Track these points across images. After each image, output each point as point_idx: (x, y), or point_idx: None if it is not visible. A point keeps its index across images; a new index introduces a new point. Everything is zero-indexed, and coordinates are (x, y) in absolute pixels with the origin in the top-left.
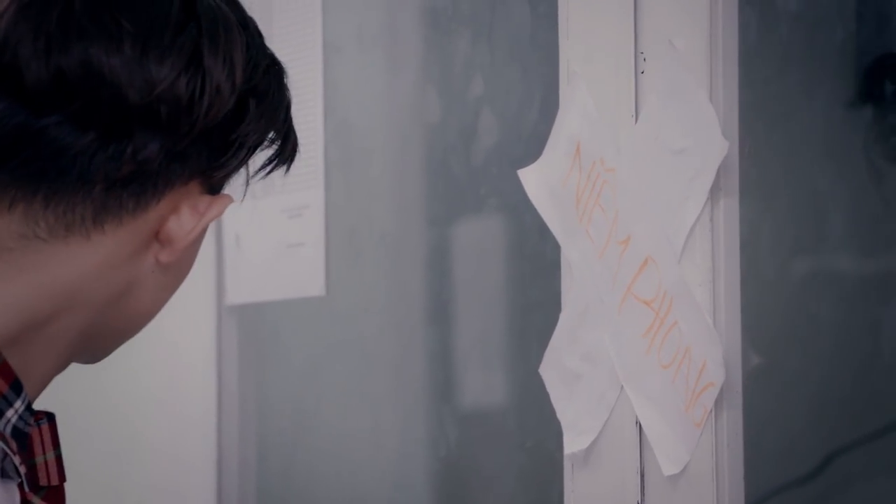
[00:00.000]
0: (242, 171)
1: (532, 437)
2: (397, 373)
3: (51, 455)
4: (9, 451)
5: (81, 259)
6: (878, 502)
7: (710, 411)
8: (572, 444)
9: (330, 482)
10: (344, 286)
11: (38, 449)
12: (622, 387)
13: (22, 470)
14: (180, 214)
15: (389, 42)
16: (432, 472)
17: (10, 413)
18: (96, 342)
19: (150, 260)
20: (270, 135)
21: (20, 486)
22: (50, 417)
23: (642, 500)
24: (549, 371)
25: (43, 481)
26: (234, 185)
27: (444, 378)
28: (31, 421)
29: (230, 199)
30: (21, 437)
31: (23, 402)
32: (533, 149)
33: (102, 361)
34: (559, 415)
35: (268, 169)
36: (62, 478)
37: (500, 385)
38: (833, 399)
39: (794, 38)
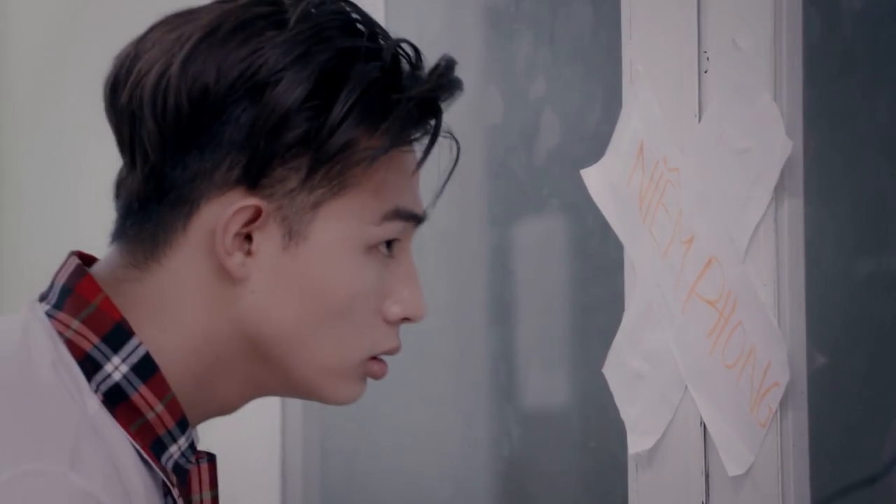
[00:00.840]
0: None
1: (595, 438)
2: (459, 373)
3: (207, 495)
4: (170, 485)
5: (169, 290)
6: None
7: (775, 412)
8: (636, 445)
9: (392, 483)
10: None
11: (195, 487)
12: (686, 387)
13: None
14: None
15: (451, 42)
16: (495, 472)
17: (173, 449)
18: (271, 370)
19: (228, 277)
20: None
21: None
22: (211, 458)
23: (707, 500)
24: (612, 371)
25: None
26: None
27: (506, 378)
28: (193, 459)
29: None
30: (181, 474)
31: (187, 440)
32: (595, 149)
33: None
34: (623, 415)
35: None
36: None
37: (563, 385)
38: None
39: (858, 37)
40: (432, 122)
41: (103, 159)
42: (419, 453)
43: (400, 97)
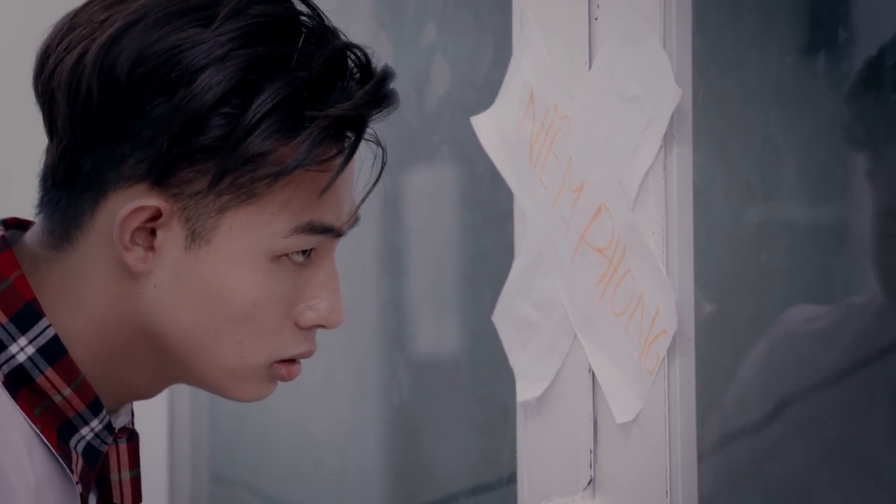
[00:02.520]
0: None
1: (485, 386)
2: (350, 321)
3: (126, 474)
4: (68, 469)
5: (78, 272)
6: (829, 449)
7: (663, 359)
8: (525, 393)
9: (282, 431)
10: None
11: (113, 466)
12: (575, 335)
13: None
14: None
15: None
16: (385, 420)
17: (84, 431)
18: (174, 364)
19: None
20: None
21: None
22: (131, 437)
23: (595, 447)
24: (502, 319)
25: (116, 500)
26: None
27: (396, 326)
28: (109, 440)
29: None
30: (93, 455)
31: (101, 422)
32: (486, 96)
33: None
34: (512, 363)
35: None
36: (137, 498)
37: (453, 333)
38: (784, 346)
39: None
40: (352, 138)
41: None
42: (310, 401)
43: (315, 114)
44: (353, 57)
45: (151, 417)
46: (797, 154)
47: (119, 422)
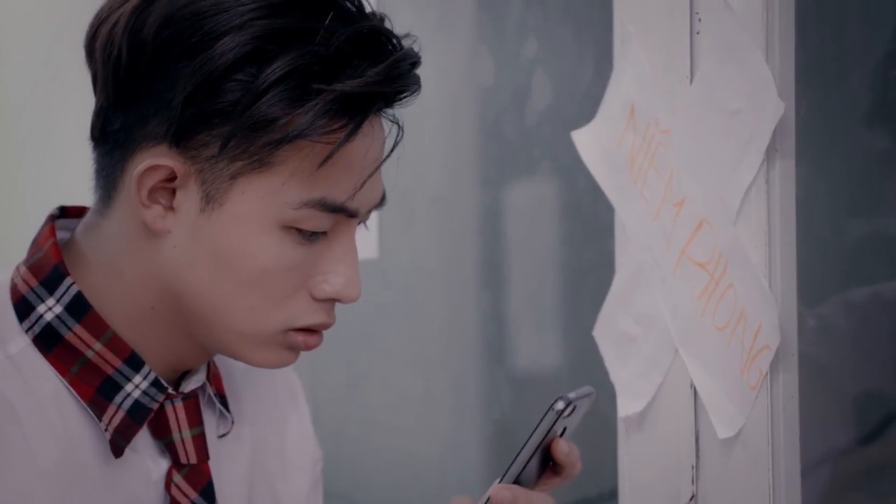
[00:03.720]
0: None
1: None
2: (450, 335)
3: (187, 433)
4: (94, 416)
5: (109, 235)
6: None
7: (766, 374)
8: (626, 408)
9: (382, 444)
10: (396, 248)
11: (173, 426)
12: (676, 350)
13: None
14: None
15: (442, 3)
16: (485, 434)
17: (129, 387)
18: (196, 326)
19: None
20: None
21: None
22: (188, 396)
23: (697, 463)
24: (603, 333)
25: (182, 459)
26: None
27: (497, 340)
28: (160, 398)
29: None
30: (144, 412)
31: (145, 378)
32: (586, 110)
33: None
34: (613, 378)
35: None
36: (203, 456)
37: (554, 347)
38: (888, 362)
39: None
40: (360, 117)
41: None
42: (410, 415)
43: (322, 87)
44: (384, 39)
45: None
46: None
47: (190, 387)
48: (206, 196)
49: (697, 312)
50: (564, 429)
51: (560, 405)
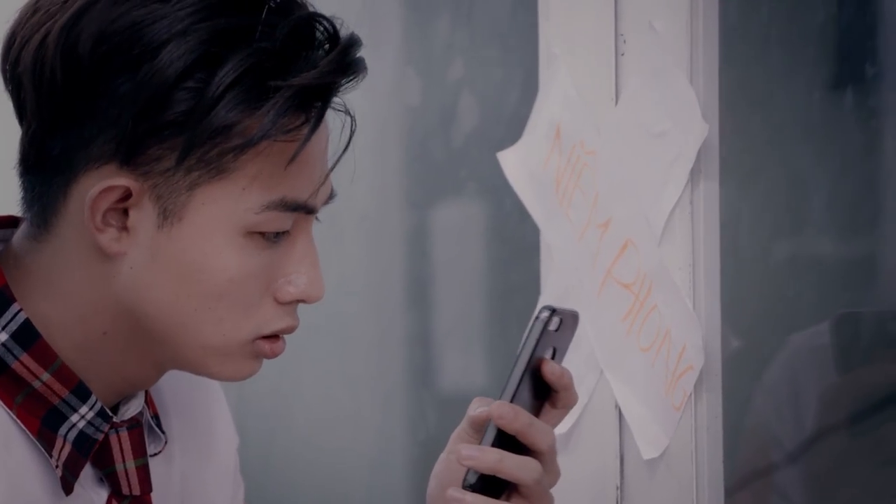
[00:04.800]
0: None
1: None
2: (377, 356)
3: (131, 464)
4: (45, 452)
5: (58, 256)
6: (857, 485)
7: (690, 395)
8: None
9: (309, 465)
10: (323, 268)
11: (117, 456)
12: (601, 370)
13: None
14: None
15: (369, 23)
16: (411, 455)
17: (74, 418)
18: (156, 347)
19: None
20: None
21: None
22: (133, 425)
23: (622, 483)
24: None
25: (125, 490)
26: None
27: (423, 361)
28: (105, 428)
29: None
30: (89, 443)
31: (91, 409)
32: (513, 132)
33: None
34: None
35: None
36: (146, 488)
37: (480, 368)
38: (812, 383)
39: (775, 20)
40: (318, 107)
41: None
42: (336, 437)
43: (279, 84)
44: (319, 27)
45: None
46: (824, 189)
47: (129, 413)
48: (164, 212)
49: (622, 333)
50: (554, 351)
51: (545, 314)
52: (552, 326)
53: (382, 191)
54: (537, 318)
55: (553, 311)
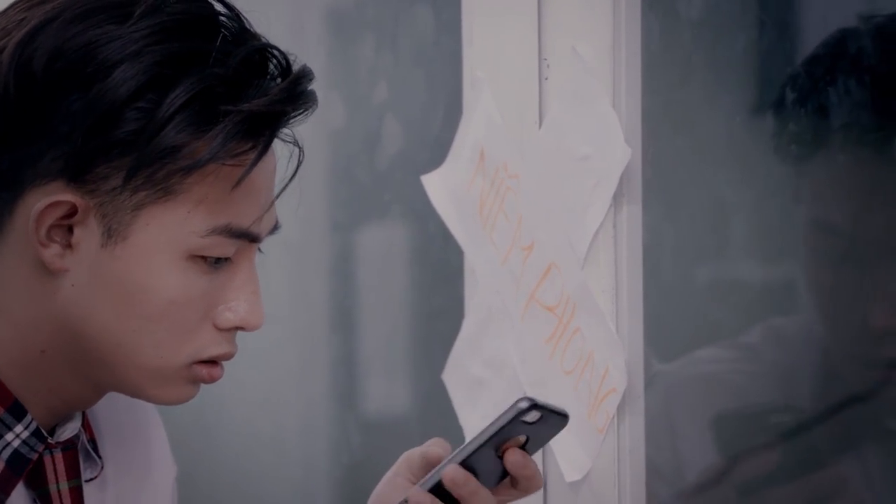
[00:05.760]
0: None
1: None
2: (300, 380)
3: (65, 485)
4: None
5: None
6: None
7: (613, 417)
8: None
9: (233, 489)
10: None
11: (51, 476)
12: (525, 393)
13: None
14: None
15: (293, 45)
16: (335, 478)
17: (9, 437)
18: (94, 367)
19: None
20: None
21: None
22: (68, 447)
23: None
24: (452, 377)
25: None
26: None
27: (347, 385)
28: (40, 448)
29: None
30: (23, 463)
31: (26, 428)
32: (437, 155)
33: None
34: (462, 421)
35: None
36: None
37: (404, 392)
38: (734, 406)
39: (697, 46)
40: (269, 136)
41: None
42: (260, 460)
43: (229, 109)
44: (272, 57)
45: None
46: (746, 213)
47: (65, 434)
48: (108, 230)
49: (546, 356)
50: (527, 440)
51: (523, 404)
52: (528, 418)
53: (306, 213)
54: (514, 405)
55: (534, 405)
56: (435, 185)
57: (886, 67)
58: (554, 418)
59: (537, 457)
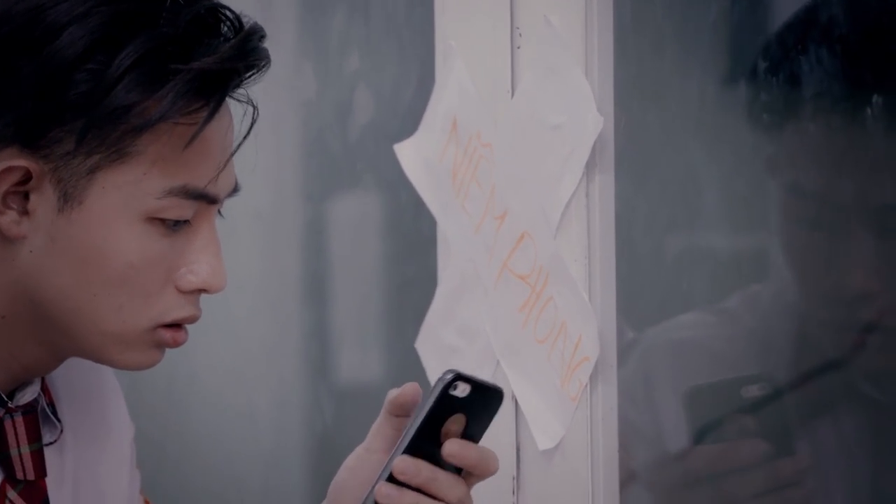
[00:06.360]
0: None
1: None
2: (273, 350)
3: (26, 449)
4: None
5: None
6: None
7: (586, 386)
8: None
9: (204, 460)
10: None
11: (11, 441)
12: (498, 361)
13: None
14: None
15: (263, 16)
16: (308, 448)
17: None
18: (55, 332)
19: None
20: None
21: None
22: (28, 410)
23: (518, 474)
24: (425, 346)
25: (19, 475)
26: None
27: (319, 355)
28: (0, 412)
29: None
30: None
31: None
32: (409, 124)
33: None
34: None
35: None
36: (40, 472)
37: (377, 361)
38: (707, 379)
39: (669, 16)
40: (220, 94)
41: None
42: (231, 431)
43: (179, 67)
44: (223, 17)
45: None
46: (718, 183)
47: (24, 399)
48: (64, 195)
49: (518, 325)
50: (468, 423)
51: (448, 376)
52: (458, 393)
53: (278, 184)
54: (441, 377)
55: (458, 376)
56: (408, 154)
57: (857, 36)
58: (488, 394)
59: (508, 426)
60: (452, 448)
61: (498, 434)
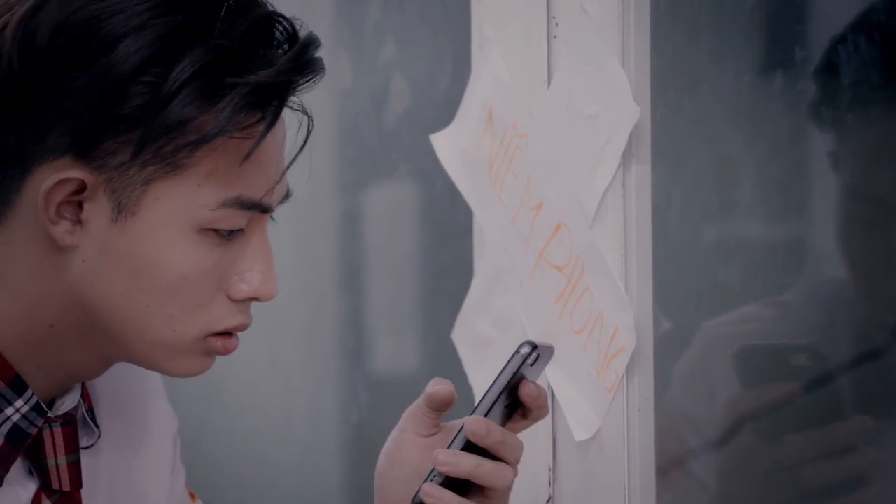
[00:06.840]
0: None
1: None
2: (308, 339)
3: (63, 460)
4: None
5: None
6: (774, 478)
7: (622, 377)
8: None
9: (240, 449)
10: None
11: (49, 450)
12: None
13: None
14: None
15: (300, 4)
16: (343, 438)
17: (9, 411)
18: (106, 340)
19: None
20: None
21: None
22: (67, 421)
23: (554, 465)
24: (461, 337)
25: (55, 485)
26: None
27: (355, 344)
28: (40, 422)
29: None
30: (21, 438)
31: (27, 403)
32: (445, 114)
33: None
34: (471, 381)
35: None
36: (76, 484)
37: (412, 351)
38: (726, 371)
39: (705, 4)
40: (277, 106)
41: None
42: (267, 419)
43: (236, 81)
44: (278, 26)
45: None
46: (754, 172)
47: (64, 407)
48: (118, 206)
49: (554, 315)
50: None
51: (525, 349)
52: (531, 361)
53: (314, 174)
54: (517, 352)
55: (534, 347)
56: (444, 144)
57: None
58: (546, 354)
59: (546, 417)
60: (531, 390)
61: (535, 425)
